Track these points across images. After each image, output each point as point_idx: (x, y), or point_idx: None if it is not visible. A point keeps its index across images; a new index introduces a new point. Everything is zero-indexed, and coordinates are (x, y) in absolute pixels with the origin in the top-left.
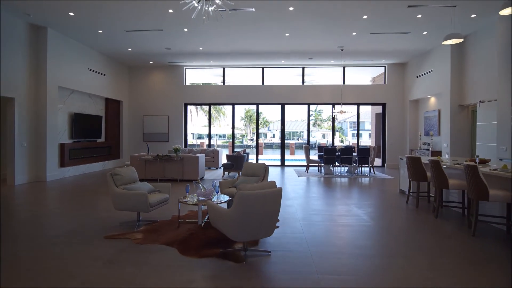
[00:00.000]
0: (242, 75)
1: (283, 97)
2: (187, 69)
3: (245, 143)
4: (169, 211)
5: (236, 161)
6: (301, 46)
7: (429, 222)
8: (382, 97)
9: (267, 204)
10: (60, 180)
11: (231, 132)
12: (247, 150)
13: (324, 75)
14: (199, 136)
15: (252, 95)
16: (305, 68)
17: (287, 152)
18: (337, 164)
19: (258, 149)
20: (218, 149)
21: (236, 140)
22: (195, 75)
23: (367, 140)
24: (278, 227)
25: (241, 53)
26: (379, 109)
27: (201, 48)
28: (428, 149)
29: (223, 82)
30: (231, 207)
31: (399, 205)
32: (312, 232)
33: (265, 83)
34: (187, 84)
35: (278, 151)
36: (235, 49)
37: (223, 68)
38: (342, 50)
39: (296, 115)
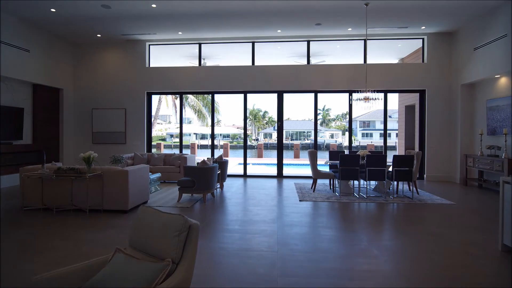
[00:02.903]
0: (226, 54)
1: (280, 82)
2: (150, 45)
3: (249, 143)
4: None
5: (200, 175)
6: None
7: None
8: (420, 81)
9: None
10: None
11: (235, 132)
12: (229, 155)
13: (337, 54)
14: (203, 136)
15: (239, 81)
16: (310, 43)
17: (290, 155)
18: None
19: (246, 152)
20: (187, 155)
21: (240, 141)
22: (163, 60)
23: (378, 140)
24: None
25: (217, 14)
26: (411, 99)
27: (154, 5)
28: (497, 156)
29: (199, 63)
30: None
31: None
32: None
33: (256, 64)
34: (151, 66)
35: (282, 154)
36: (204, 4)
37: (199, 44)
38: (367, 5)
39: (300, 112)
